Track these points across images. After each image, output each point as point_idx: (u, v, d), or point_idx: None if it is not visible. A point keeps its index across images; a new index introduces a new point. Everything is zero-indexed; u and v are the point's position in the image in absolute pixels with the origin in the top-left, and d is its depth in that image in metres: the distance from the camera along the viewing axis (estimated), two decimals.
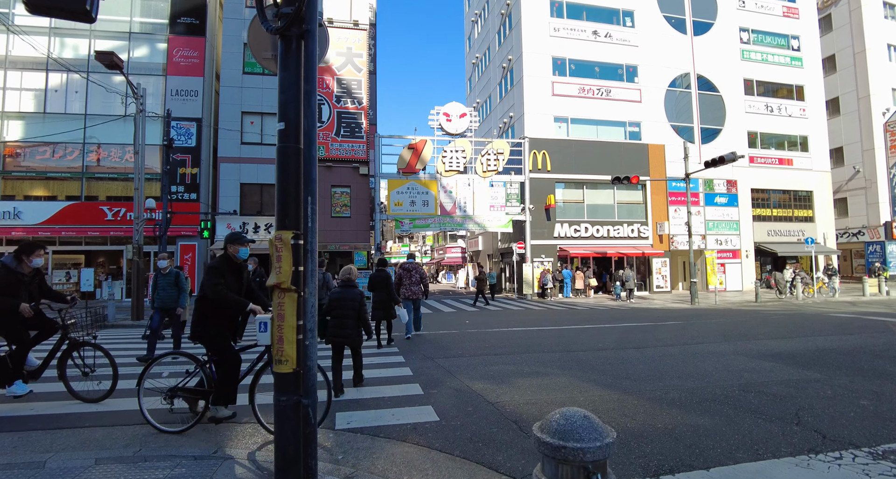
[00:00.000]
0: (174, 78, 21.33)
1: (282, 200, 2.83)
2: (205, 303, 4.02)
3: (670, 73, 27.19)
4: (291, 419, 2.75)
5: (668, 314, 14.70)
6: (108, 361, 4.93)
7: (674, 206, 26.19)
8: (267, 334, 2.89)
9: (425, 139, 22.11)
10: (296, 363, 2.77)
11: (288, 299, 2.78)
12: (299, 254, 2.81)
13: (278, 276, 2.79)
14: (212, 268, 4.07)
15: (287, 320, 2.77)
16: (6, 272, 4.75)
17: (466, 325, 12.08)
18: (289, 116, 2.89)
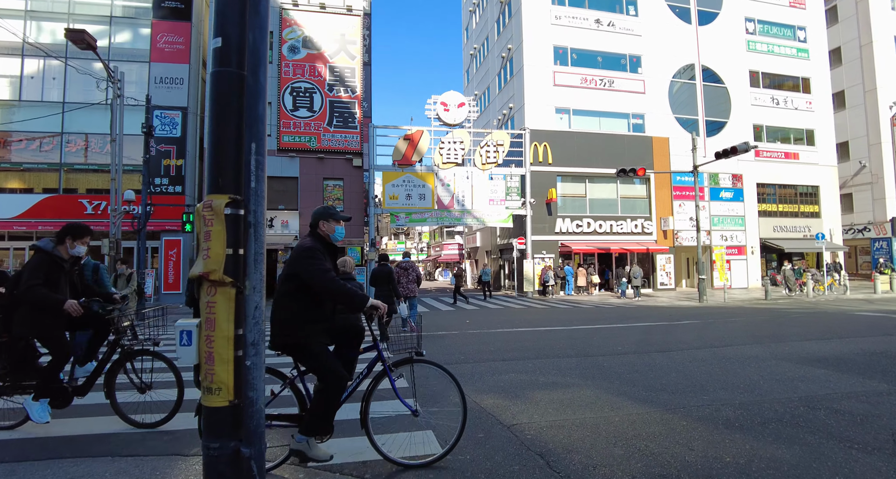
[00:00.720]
0: (158, 65, 20.26)
1: (215, 149, 1.91)
2: (299, 298, 2.97)
3: (675, 64, 26.33)
4: (226, 477, 1.83)
5: (679, 313, 13.84)
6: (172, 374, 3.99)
7: (678, 200, 25.36)
8: (191, 349, 1.94)
9: (422, 130, 21.14)
10: (232, 393, 1.85)
11: (221, 297, 1.86)
12: (238, 229, 1.88)
13: (206, 262, 1.87)
14: (311, 249, 2.97)
15: (219, 327, 1.84)
16: (43, 258, 3.76)
17: (467, 325, 11.17)
18: (227, 29, 1.98)
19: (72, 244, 3.87)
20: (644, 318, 12.23)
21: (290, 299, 2.96)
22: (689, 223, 25.30)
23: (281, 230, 20.19)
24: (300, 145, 20.67)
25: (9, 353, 3.76)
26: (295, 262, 2.97)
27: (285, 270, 3.08)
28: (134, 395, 4.00)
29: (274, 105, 20.71)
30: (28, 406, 3.72)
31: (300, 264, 2.92)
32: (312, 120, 20.85)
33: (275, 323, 2.97)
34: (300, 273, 2.92)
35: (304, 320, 2.93)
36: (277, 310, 2.99)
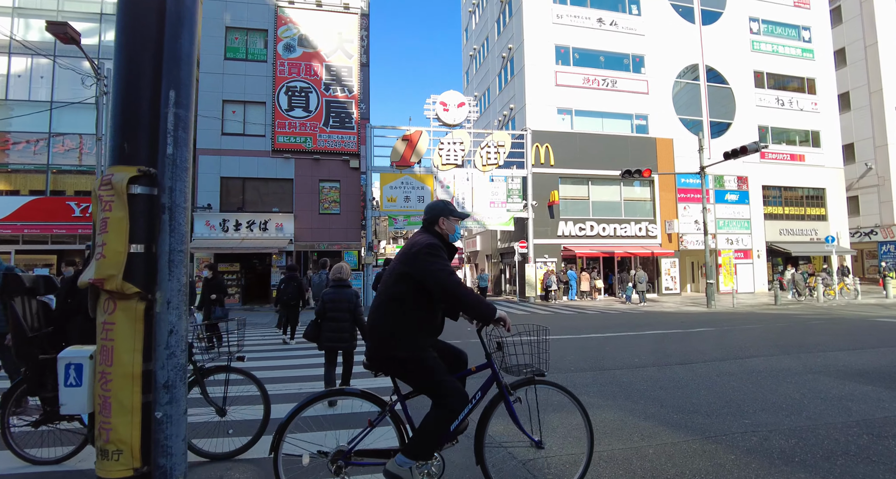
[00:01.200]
0: None
1: (120, 100, 1.30)
2: (411, 304, 2.49)
3: (678, 64, 25.84)
4: None
5: (690, 319, 13.22)
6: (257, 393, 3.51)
7: (683, 203, 24.80)
8: (81, 392, 1.31)
9: (421, 130, 20.57)
10: (138, 458, 1.24)
11: (122, 316, 1.27)
12: (149, 216, 1.27)
13: (100, 264, 1.26)
14: (434, 246, 2.50)
15: (119, 361, 1.26)
16: None
17: (469, 332, 10.54)
18: None
19: None
20: (654, 325, 11.61)
21: (400, 304, 2.48)
22: (694, 226, 24.75)
23: (275, 234, 19.56)
24: (295, 146, 20.08)
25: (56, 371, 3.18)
26: (412, 260, 2.47)
27: (396, 269, 2.56)
28: (205, 415, 3.46)
29: (269, 105, 20.15)
30: None
31: (419, 262, 2.43)
32: (308, 120, 20.28)
33: (376, 334, 2.51)
34: (418, 274, 2.44)
35: (415, 330, 2.47)
36: (382, 318, 2.50)
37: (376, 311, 2.53)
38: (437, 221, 2.65)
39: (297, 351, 8.83)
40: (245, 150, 19.89)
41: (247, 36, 20.54)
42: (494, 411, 2.66)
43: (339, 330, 4.92)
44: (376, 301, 2.58)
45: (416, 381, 2.50)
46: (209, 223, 19.14)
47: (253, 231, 19.43)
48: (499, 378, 2.68)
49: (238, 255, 19.43)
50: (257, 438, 3.48)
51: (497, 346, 2.72)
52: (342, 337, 4.96)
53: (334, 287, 5.15)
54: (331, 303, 5.01)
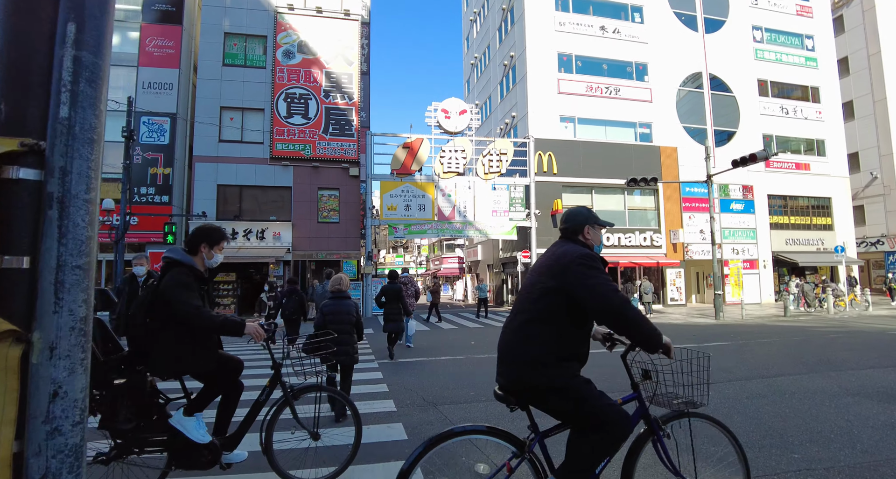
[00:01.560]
0: (146, 69, 19.40)
1: (3, 35, 0.85)
2: (559, 323, 2.13)
3: (682, 72, 25.61)
4: None
5: (702, 332, 12.74)
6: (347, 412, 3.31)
7: (688, 212, 24.41)
8: None
9: (422, 138, 20.24)
10: None
11: None
12: (32, 212, 0.82)
13: None
14: (593, 258, 2.17)
15: None
16: (185, 272, 2.87)
17: (472, 346, 10.07)
18: None
19: (208, 253, 3.04)
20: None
21: (547, 326, 2.11)
22: (699, 236, 24.36)
23: (273, 243, 19.13)
24: (294, 153, 19.73)
25: (133, 398, 2.76)
26: (563, 273, 2.10)
27: (539, 284, 2.18)
28: (290, 440, 3.17)
29: (267, 111, 19.83)
30: (180, 424, 2.79)
31: (574, 276, 2.07)
32: (307, 127, 19.94)
33: (518, 360, 2.12)
34: (573, 289, 2.06)
35: (566, 356, 2.11)
36: (525, 342, 2.12)
37: (515, 333, 2.15)
38: (581, 230, 2.30)
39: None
40: (243, 157, 19.53)
41: (246, 42, 20.28)
42: (643, 449, 2.29)
43: (340, 343, 4.66)
44: (513, 323, 2.20)
45: (563, 411, 2.13)
46: None
47: (250, 240, 18.99)
48: (647, 412, 2.33)
49: (234, 264, 18.96)
50: (347, 464, 3.21)
51: (644, 374, 2.36)
52: (343, 351, 4.74)
53: (334, 299, 5.01)
54: (331, 315, 4.85)
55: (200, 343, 2.85)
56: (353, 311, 4.97)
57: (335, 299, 5.01)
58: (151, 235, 18.56)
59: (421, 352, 9.31)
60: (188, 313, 2.71)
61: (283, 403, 3.14)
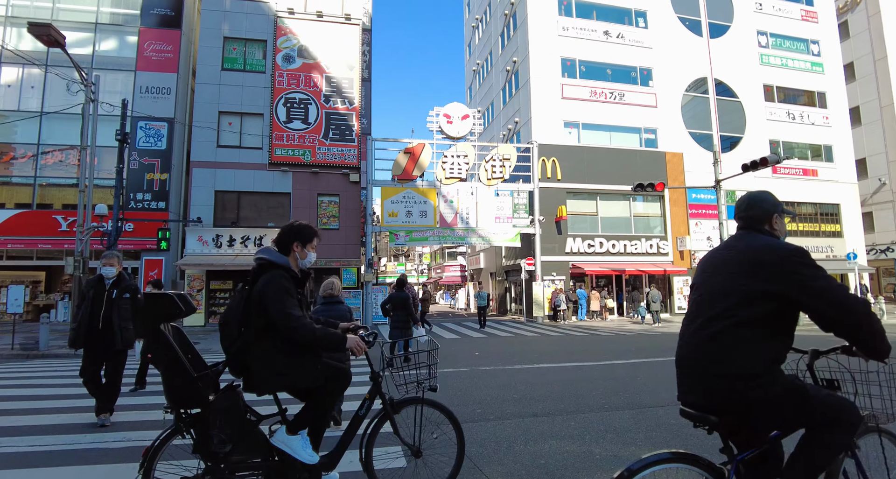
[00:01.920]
0: (144, 74, 19.12)
1: None
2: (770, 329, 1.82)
3: (687, 78, 25.30)
4: None
5: None
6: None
7: (695, 219, 23.95)
8: None
9: (423, 143, 19.88)
10: None
11: None
12: None
13: None
14: (806, 254, 1.89)
15: None
16: (283, 275, 2.56)
17: (477, 357, 9.57)
18: None
19: (301, 252, 2.72)
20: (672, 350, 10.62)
21: (759, 332, 1.79)
22: (706, 243, 23.88)
23: None
24: (293, 159, 19.37)
25: (230, 418, 2.44)
26: (779, 273, 1.79)
27: (744, 286, 1.84)
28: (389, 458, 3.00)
29: (266, 117, 19.51)
30: (285, 444, 2.51)
31: (799, 277, 1.76)
32: (307, 132, 19.60)
33: (728, 372, 1.79)
34: (797, 292, 1.75)
35: (775, 364, 1.81)
36: (732, 351, 1.79)
37: (716, 343, 1.83)
38: (769, 218, 2.01)
39: None
40: (241, 163, 19.17)
41: (245, 46, 20.02)
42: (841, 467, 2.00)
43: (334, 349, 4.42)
44: (703, 332, 1.87)
45: (788, 419, 1.82)
46: (202, 239, 18.29)
47: (247, 247, 18.57)
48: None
49: (231, 272, 18.53)
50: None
51: (828, 384, 2.10)
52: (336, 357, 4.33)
53: (325, 304, 4.82)
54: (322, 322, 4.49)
55: (306, 354, 2.55)
56: (347, 316, 4.69)
57: (327, 305, 4.79)
58: (147, 242, 18.16)
59: None
60: (290, 325, 2.42)
61: (384, 417, 2.84)
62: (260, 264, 2.59)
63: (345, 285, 19.24)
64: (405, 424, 2.90)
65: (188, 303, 2.64)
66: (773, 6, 27.52)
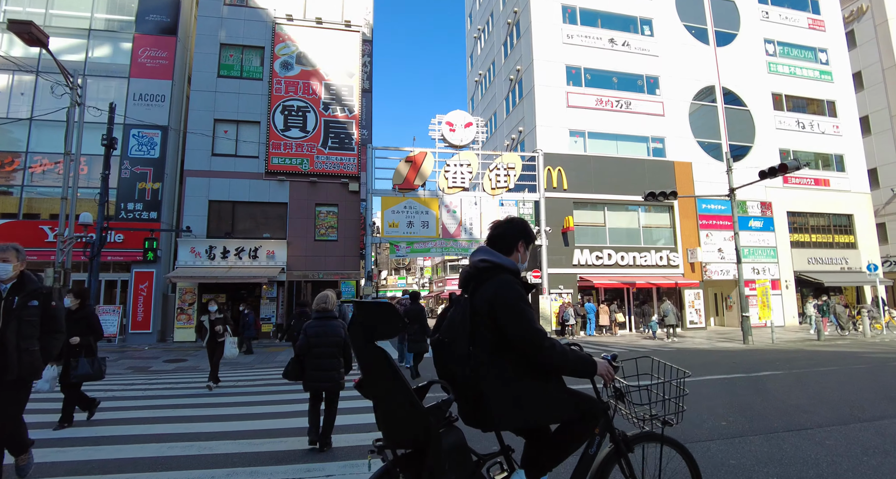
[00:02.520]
0: (138, 80, 18.58)
1: None
2: None
3: (694, 86, 24.78)
4: None
5: (741, 359, 11.36)
6: None
7: (705, 230, 23.20)
8: None
9: (425, 151, 19.24)
10: None
11: None
12: None
13: None
14: None
15: None
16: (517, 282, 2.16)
17: None
18: None
19: (524, 255, 2.30)
20: (705, 367, 9.76)
21: None
22: (717, 255, 23.12)
23: (266, 262, 17.92)
24: (291, 168, 18.71)
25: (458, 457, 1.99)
26: None
27: None
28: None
29: (263, 125, 18.91)
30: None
31: None
32: (305, 141, 18.98)
33: None
34: None
35: None
36: None
37: None
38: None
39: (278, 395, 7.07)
40: (236, 172, 18.52)
41: (242, 53, 19.53)
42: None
43: (325, 368, 4.44)
44: None
45: None
46: (194, 250, 17.54)
47: (242, 259, 17.80)
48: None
49: (224, 285, 17.75)
50: None
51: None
52: (327, 376, 4.43)
53: (319, 319, 4.58)
54: (315, 338, 4.47)
55: (553, 380, 2.10)
56: (341, 332, 4.53)
57: (320, 320, 4.57)
58: (137, 254, 17.41)
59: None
60: (541, 343, 1.96)
61: (614, 455, 2.41)
62: (483, 267, 2.13)
63: (344, 299, 18.42)
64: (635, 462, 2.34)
65: (392, 322, 1.96)
66: (780, 15, 27.15)
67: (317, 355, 4.42)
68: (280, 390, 7.96)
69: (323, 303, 4.58)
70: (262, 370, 10.74)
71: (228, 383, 8.87)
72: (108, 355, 14.42)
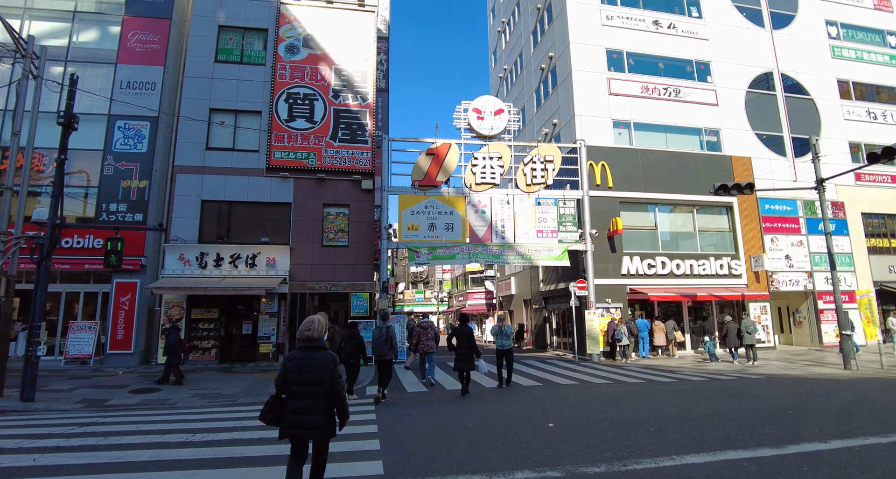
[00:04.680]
0: (126, 67, 16.46)
1: None
2: None
3: (750, 73, 21.94)
4: None
5: (877, 395, 8.36)
6: None
7: (769, 234, 20.14)
8: None
9: (449, 142, 16.68)
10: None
11: None
12: None
13: None
14: None
15: None
16: None
17: (560, 436, 5.91)
18: None
19: None
20: (848, 411, 6.84)
21: None
22: (784, 263, 20.01)
23: (266, 271, 15.41)
24: (295, 163, 16.31)
25: None
26: None
27: None
28: None
29: (265, 115, 16.59)
30: None
31: None
32: (312, 133, 16.59)
33: None
34: None
35: None
36: None
37: None
38: None
39: (255, 446, 4.43)
40: (233, 168, 16.17)
41: (243, 36, 17.35)
42: None
43: (307, 411, 3.49)
44: None
45: None
46: (183, 257, 15.13)
47: (238, 267, 15.33)
48: None
49: (217, 298, 15.26)
50: None
51: None
52: (312, 422, 3.49)
53: (303, 349, 3.66)
54: (296, 373, 3.54)
55: None
56: (329, 365, 3.57)
57: (304, 351, 3.64)
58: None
59: (454, 435, 5.32)
60: None
61: None
62: None
63: (354, 314, 15.77)
64: None
65: None
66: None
67: (296, 394, 3.55)
68: (257, 439, 5.32)
69: (307, 330, 3.71)
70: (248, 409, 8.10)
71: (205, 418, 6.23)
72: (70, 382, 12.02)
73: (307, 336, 3.68)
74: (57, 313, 15.58)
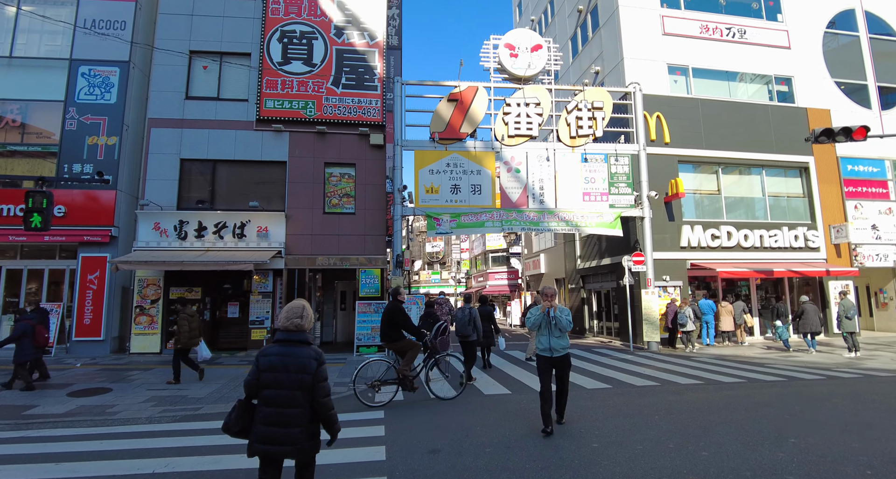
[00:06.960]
0: (91, 3, 13.80)
1: None
2: None
3: (827, 10, 18.52)
4: None
5: None
6: None
7: (852, 200, 17.04)
8: None
9: (476, 86, 13.76)
10: None
11: None
12: None
13: None
14: None
15: None
16: None
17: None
18: None
19: None
20: None
21: None
22: (870, 234, 16.92)
23: (257, 243, 12.86)
24: (291, 113, 13.59)
25: None
26: None
27: None
28: None
29: (255, 57, 13.86)
30: None
31: None
32: (310, 77, 13.82)
33: None
34: None
35: None
36: None
37: None
38: None
39: None
40: (218, 120, 13.53)
41: None
42: None
43: (283, 422, 2.67)
44: None
45: None
46: (159, 226, 12.64)
47: (224, 238, 12.79)
48: None
49: (200, 274, 12.77)
50: None
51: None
52: (289, 436, 2.66)
53: (281, 343, 2.83)
54: (269, 372, 2.73)
55: None
56: (312, 364, 2.75)
57: (282, 345, 2.82)
58: (85, 233, 12.70)
59: None
60: None
61: None
62: None
63: (363, 294, 13.20)
64: None
65: None
66: None
67: (269, 400, 2.68)
68: None
69: (297, 318, 2.85)
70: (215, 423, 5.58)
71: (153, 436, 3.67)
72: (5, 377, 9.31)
73: (297, 325, 2.86)
74: (17, 293, 13.29)
